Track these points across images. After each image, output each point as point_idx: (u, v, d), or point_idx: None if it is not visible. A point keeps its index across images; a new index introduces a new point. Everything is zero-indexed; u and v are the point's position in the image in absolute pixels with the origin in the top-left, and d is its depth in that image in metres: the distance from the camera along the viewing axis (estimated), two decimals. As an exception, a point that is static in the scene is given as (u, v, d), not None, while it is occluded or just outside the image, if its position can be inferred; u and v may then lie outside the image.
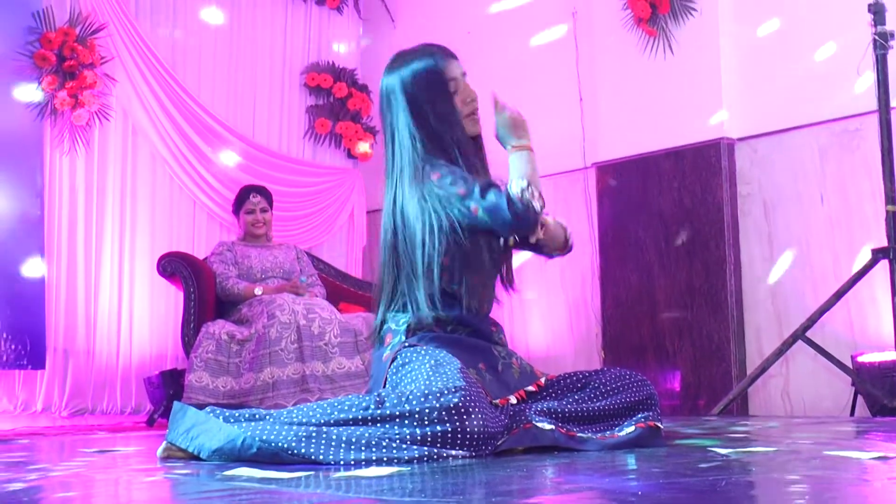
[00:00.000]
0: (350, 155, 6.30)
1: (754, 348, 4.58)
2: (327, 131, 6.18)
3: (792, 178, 4.54)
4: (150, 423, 4.86)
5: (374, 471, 1.77)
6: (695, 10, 4.81)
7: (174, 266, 4.73)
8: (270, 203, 5.12)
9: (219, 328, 4.50)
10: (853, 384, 3.92)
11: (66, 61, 5.10)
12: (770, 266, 4.57)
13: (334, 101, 6.23)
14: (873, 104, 3.83)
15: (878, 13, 3.63)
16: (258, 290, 4.74)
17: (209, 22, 5.84)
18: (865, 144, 4.25)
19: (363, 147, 6.24)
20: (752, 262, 4.63)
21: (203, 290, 4.69)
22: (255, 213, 5.05)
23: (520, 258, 5.55)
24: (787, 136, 4.57)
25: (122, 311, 5.39)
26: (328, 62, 6.26)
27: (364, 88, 6.33)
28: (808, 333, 3.74)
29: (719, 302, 4.60)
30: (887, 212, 3.57)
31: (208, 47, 5.83)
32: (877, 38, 3.62)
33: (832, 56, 4.39)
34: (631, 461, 1.95)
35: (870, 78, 3.92)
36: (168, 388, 4.98)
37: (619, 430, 2.26)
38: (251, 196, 5.06)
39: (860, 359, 3.97)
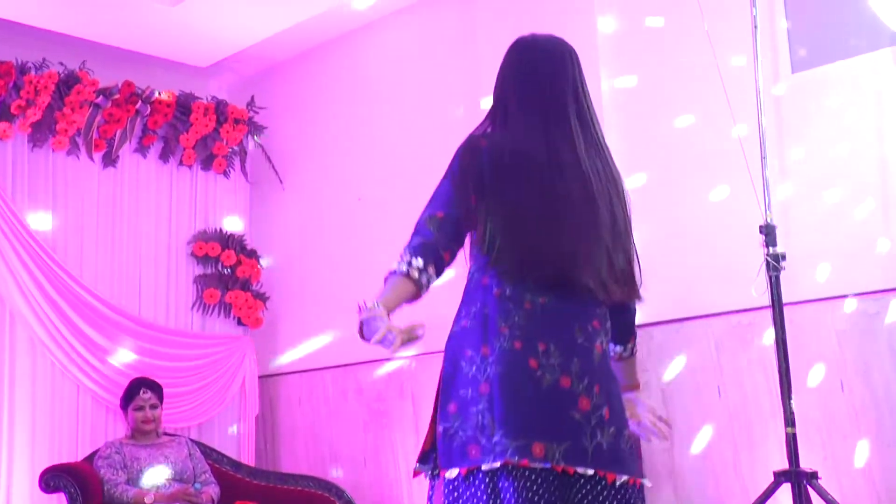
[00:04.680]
0: (240, 322, 6.14)
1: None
2: (216, 301, 6.02)
3: (688, 367, 4.58)
4: None
5: None
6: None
7: (58, 481, 4.49)
8: (161, 398, 4.94)
9: (108, 548, 4.27)
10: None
11: (-63, 251, 4.86)
12: (671, 456, 4.58)
13: (223, 269, 6.08)
14: (767, 300, 3.88)
15: (769, 235, 3.71)
16: (148, 499, 4.53)
17: (90, 196, 5.65)
18: (759, 339, 4.32)
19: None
20: (652, 451, 4.64)
21: (90, 504, 4.46)
22: (144, 409, 4.86)
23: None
24: (682, 326, 4.62)
25: (-1, 510, 5.08)
26: (216, 229, 6.11)
27: (253, 254, 6.20)
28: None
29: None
30: (787, 434, 3.61)
31: (90, 223, 5.63)
32: (769, 259, 3.69)
33: (727, 250, 4.46)
34: None
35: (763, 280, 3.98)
36: None
37: None
38: (141, 392, 4.87)
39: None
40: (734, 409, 4.43)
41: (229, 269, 6.09)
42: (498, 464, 1.94)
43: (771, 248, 3.70)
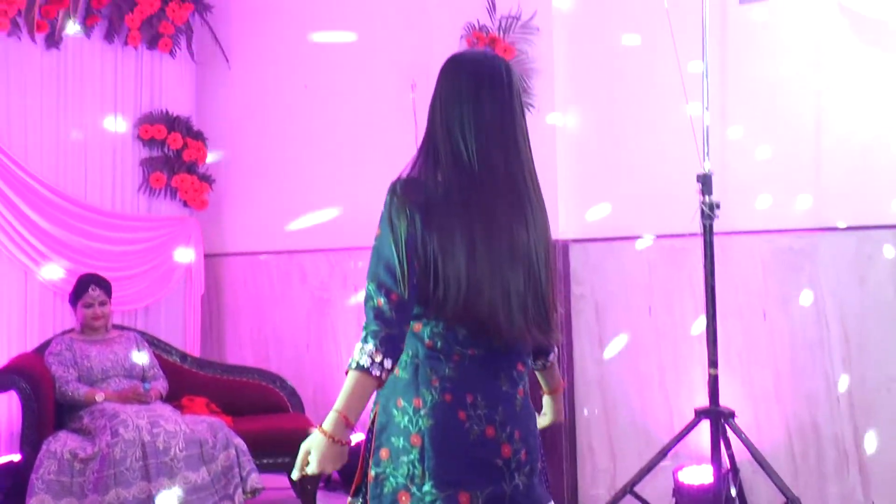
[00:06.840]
0: (186, 205, 6.18)
1: (584, 440, 4.88)
2: (163, 185, 6.04)
3: (622, 285, 4.78)
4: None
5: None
6: (532, 105, 4.91)
7: (10, 381, 4.62)
8: (109, 294, 5.04)
9: (60, 446, 4.43)
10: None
11: None
12: (601, 367, 4.84)
13: (169, 152, 6.06)
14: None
15: (705, 184, 3.83)
16: (99, 397, 4.69)
17: (33, 79, 5.54)
18: (691, 263, 4.51)
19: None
20: (584, 360, 4.89)
21: (42, 403, 4.61)
22: (93, 306, 4.96)
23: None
24: (618, 245, 4.80)
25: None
26: (162, 111, 6.06)
27: (199, 136, 6.18)
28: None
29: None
30: (710, 375, 3.84)
31: (34, 107, 5.54)
32: (703, 207, 3.84)
33: (667, 173, 4.59)
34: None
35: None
36: (3, 482, 4.90)
37: None
38: (90, 289, 4.95)
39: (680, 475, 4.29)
40: (663, 328, 4.66)
41: (175, 152, 6.08)
42: None
43: (707, 197, 3.83)
